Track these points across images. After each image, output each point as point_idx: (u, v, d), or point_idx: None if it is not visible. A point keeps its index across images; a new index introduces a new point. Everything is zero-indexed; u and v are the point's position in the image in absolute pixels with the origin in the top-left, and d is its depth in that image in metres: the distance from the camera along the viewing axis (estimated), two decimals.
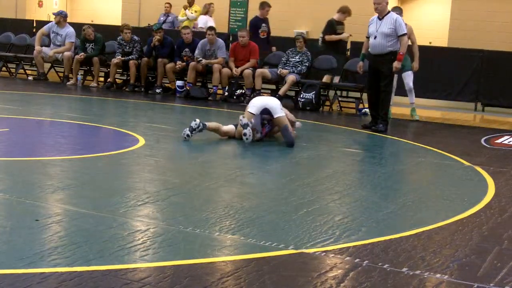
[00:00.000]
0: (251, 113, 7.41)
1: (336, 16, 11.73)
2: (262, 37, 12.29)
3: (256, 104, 7.51)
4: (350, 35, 11.81)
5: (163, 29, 12.78)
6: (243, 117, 7.23)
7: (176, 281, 3.18)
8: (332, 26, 11.62)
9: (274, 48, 12.34)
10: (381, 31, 8.80)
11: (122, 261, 3.40)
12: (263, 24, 12.34)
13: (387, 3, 8.91)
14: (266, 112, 7.47)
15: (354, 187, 5.67)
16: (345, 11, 11.73)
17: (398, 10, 9.79)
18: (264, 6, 12.50)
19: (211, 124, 7.40)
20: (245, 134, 7.11)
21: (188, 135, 7.16)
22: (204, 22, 14.56)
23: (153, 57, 12.38)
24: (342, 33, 11.73)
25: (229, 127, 7.53)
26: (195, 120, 7.22)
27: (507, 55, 11.93)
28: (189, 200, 4.83)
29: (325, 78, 11.47)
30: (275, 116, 7.39)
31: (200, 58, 11.73)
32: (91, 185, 5.09)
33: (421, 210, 4.90)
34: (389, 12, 8.92)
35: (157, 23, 13.07)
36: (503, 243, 4.16)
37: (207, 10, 14.85)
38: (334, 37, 11.61)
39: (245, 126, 7.14)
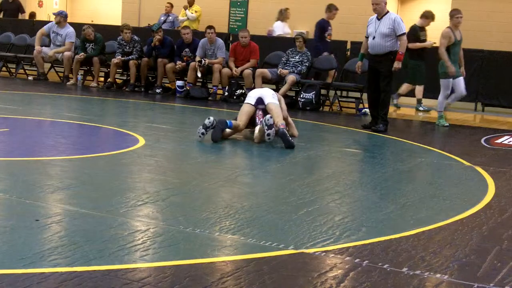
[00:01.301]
0: (250, 104, 7.59)
1: (419, 22, 11.21)
2: (328, 40, 11.82)
3: (252, 95, 7.73)
4: (434, 43, 10.95)
5: (163, 29, 12.80)
6: (270, 117, 7.25)
7: (176, 281, 3.18)
8: (416, 33, 11.07)
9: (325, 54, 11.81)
10: (380, 31, 8.80)
11: (122, 261, 3.40)
12: (330, 27, 11.80)
13: (385, 3, 8.91)
14: (261, 101, 7.61)
15: (354, 187, 5.67)
16: (428, 16, 11.15)
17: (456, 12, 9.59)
18: (332, 9, 11.87)
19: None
20: (268, 135, 7.14)
21: (203, 133, 7.20)
22: (281, 28, 13.76)
23: (153, 57, 12.39)
24: (425, 39, 11.18)
25: (243, 123, 7.56)
26: (209, 118, 7.25)
27: (507, 55, 11.93)
28: (189, 200, 4.83)
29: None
30: (266, 102, 7.54)
31: (204, 61, 11.69)
32: (91, 185, 5.09)
33: (421, 210, 4.90)
34: (387, 12, 8.92)
35: (157, 23, 13.07)
36: (503, 243, 4.16)
37: (283, 16, 13.91)
38: (418, 44, 11.03)
39: (270, 126, 7.14)
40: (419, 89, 11.34)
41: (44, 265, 3.27)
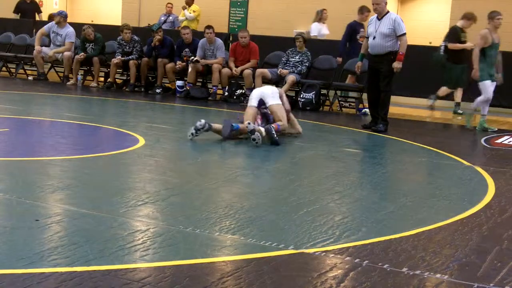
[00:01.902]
0: (253, 106, 7.58)
1: (460, 23, 10.97)
2: (361, 42, 11.04)
3: (254, 96, 7.71)
4: (474, 45, 10.34)
5: (163, 29, 12.80)
6: (249, 123, 7.22)
7: (176, 281, 3.18)
8: (457, 34, 10.83)
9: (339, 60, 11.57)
10: (380, 31, 8.80)
11: (122, 261, 3.40)
12: (361, 29, 11.43)
13: (386, 3, 8.91)
14: (263, 102, 7.62)
15: (354, 187, 5.67)
16: (470, 17, 10.88)
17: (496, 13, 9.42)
18: (363, 11, 11.63)
19: (216, 125, 7.41)
20: (254, 140, 7.07)
21: (192, 134, 7.18)
22: (318, 30, 13.42)
23: (153, 57, 12.39)
24: (465, 41, 10.91)
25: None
26: (200, 121, 7.23)
27: (507, 55, 11.91)
28: (189, 200, 4.83)
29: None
30: (268, 104, 7.57)
31: (196, 58, 11.70)
32: (91, 185, 5.09)
33: (421, 210, 4.90)
34: (388, 12, 8.92)
35: (156, 24, 13.05)
36: (503, 243, 4.16)
37: (320, 17, 13.50)
38: (458, 45, 10.75)
39: (252, 132, 7.07)
40: (458, 92, 11.06)
41: (44, 265, 3.27)
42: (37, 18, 16.65)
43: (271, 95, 7.64)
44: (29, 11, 16.60)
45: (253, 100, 7.63)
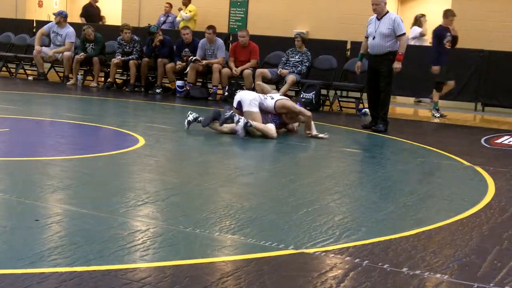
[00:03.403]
0: (234, 107, 7.96)
1: None
2: (448, 47, 10.86)
3: (235, 98, 8.08)
4: None
5: (163, 29, 12.81)
6: (231, 111, 7.68)
7: (176, 281, 3.18)
8: None
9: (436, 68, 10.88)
10: (380, 31, 8.80)
11: (122, 261, 3.40)
12: (448, 34, 10.86)
13: (385, 3, 8.91)
14: (240, 106, 7.90)
15: (354, 187, 5.67)
16: None
17: None
18: (448, 15, 11.01)
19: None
20: (237, 131, 7.51)
21: (189, 122, 7.78)
22: (416, 33, 13.25)
23: (153, 57, 12.39)
24: None
25: (230, 126, 7.72)
26: (191, 113, 7.83)
27: (507, 55, 11.93)
28: (189, 200, 4.83)
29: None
30: (243, 109, 7.84)
31: (196, 57, 11.71)
32: (91, 185, 5.09)
33: (421, 210, 4.90)
34: (387, 12, 8.92)
35: (154, 25, 12.97)
36: (503, 243, 4.16)
37: (418, 22, 13.21)
38: None
39: (236, 123, 7.52)
40: None
41: (44, 265, 3.26)
42: (101, 22, 16.54)
43: (249, 102, 7.84)
44: (94, 16, 16.35)
45: (234, 101, 8.05)
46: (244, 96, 7.92)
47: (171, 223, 4.10)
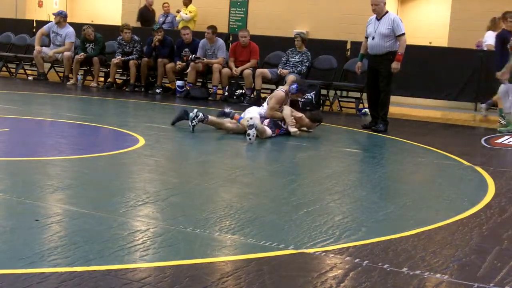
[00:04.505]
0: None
1: None
2: (510, 51, 10.23)
3: (249, 111, 8.06)
4: None
5: (164, 29, 12.81)
6: (251, 118, 7.49)
7: (176, 281, 3.18)
8: None
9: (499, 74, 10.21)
10: (379, 32, 8.80)
11: (122, 261, 3.40)
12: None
13: (384, 4, 8.91)
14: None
15: (354, 187, 5.67)
16: None
17: None
18: (507, 17, 10.63)
19: (212, 118, 7.82)
20: (248, 134, 7.27)
21: (194, 126, 7.71)
22: (492, 38, 12.17)
23: (153, 57, 12.39)
24: None
25: (234, 124, 7.75)
26: (192, 111, 7.83)
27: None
28: (189, 200, 4.83)
29: None
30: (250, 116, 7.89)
31: (197, 56, 11.71)
32: (91, 185, 5.09)
33: (421, 210, 4.90)
34: (387, 12, 8.92)
35: (156, 24, 13.00)
36: (503, 243, 4.16)
37: (495, 25, 12.22)
38: None
39: (250, 127, 7.32)
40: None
41: (44, 265, 3.27)
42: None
43: (250, 112, 7.93)
44: (149, 19, 15.74)
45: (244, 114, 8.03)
46: (249, 110, 8.10)
47: (171, 223, 4.10)
